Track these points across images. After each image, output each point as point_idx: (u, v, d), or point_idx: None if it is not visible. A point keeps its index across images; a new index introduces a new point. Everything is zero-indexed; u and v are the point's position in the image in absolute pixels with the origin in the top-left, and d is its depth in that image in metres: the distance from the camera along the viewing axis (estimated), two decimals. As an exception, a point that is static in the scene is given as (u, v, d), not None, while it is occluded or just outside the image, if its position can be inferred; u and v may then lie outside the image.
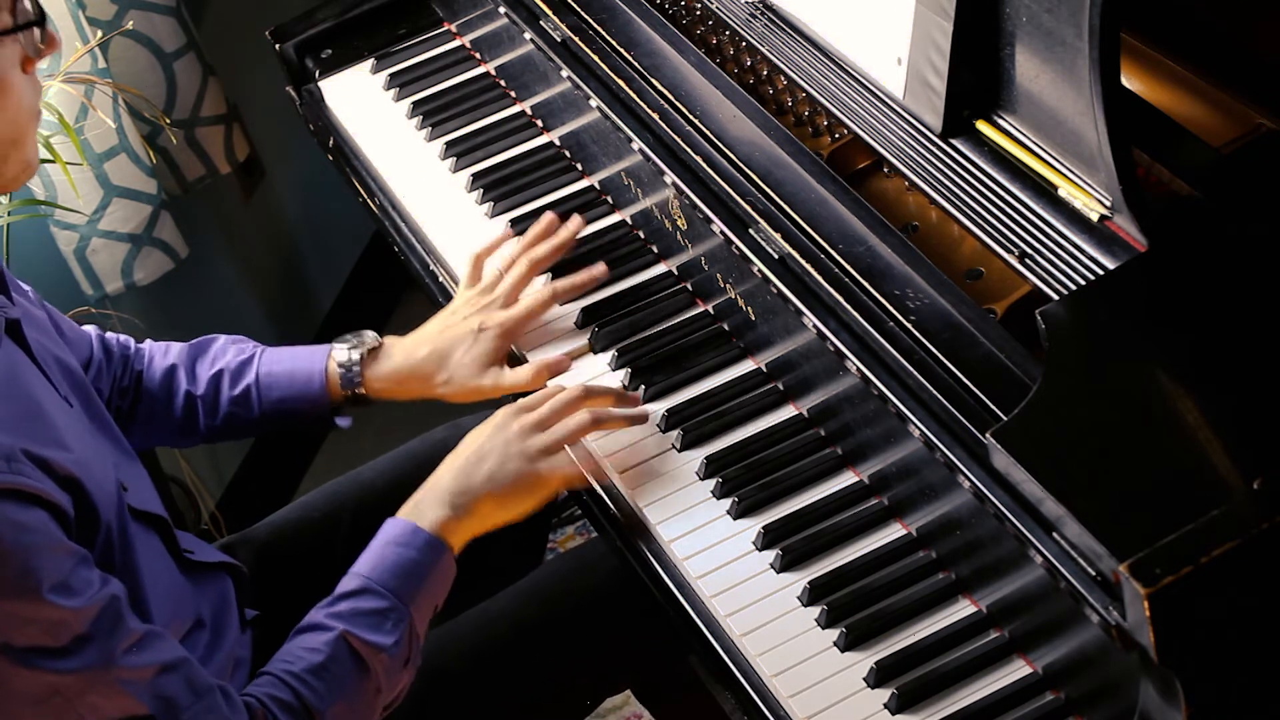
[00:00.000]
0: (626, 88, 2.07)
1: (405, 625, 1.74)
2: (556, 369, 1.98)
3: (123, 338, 2.02)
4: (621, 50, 2.11)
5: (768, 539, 1.78)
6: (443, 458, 1.96)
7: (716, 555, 1.79)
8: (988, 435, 1.53)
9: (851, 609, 1.71)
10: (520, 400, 1.90)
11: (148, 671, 1.59)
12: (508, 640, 1.96)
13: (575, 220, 2.09)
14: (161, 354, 2.02)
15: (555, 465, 1.84)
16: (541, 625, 1.97)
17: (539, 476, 1.83)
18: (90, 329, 2.00)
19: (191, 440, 2.05)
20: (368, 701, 1.73)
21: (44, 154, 2.36)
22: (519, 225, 2.19)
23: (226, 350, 2.02)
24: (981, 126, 1.77)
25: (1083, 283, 1.63)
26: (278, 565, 2.06)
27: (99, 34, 2.55)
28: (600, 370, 2.00)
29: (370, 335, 2.02)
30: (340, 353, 2.01)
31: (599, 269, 2.05)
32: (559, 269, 2.10)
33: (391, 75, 2.47)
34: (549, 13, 2.20)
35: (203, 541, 1.94)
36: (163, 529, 1.80)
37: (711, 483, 1.85)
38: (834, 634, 1.69)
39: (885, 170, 1.91)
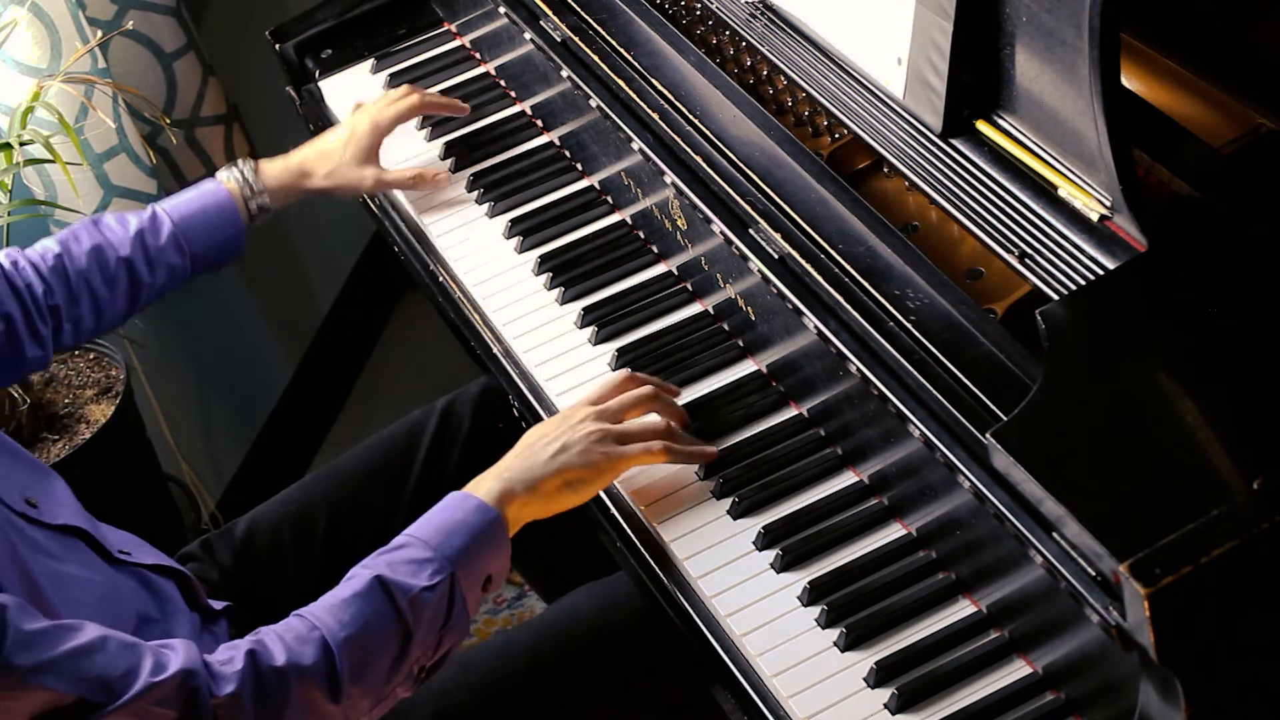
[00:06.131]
0: (626, 88, 2.07)
1: (445, 578, 1.70)
2: (431, 176, 2.25)
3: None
4: (621, 50, 2.11)
5: (768, 539, 1.78)
6: (419, 439, 2.00)
7: (716, 556, 1.79)
8: (988, 435, 1.53)
9: (851, 609, 1.70)
10: (587, 395, 1.89)
11: (58, 661, 1.53)
12: (524, 673, 1.92)
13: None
14: (73, 240, 2.06)
15: (625, 450, 1.82)
16: (559, 660, 1.92)
17: (608, 459, 1.81)
18: None
19: (140, 302, 2.11)
20: (393, 647, 1.67)
21: (44, 154, 2.36)
22: (518, 225, 2.19)
23: (124, 217, 2.10)
24: (981, 126, 1.77)
25: (1083, 283, 1.63)
26: (256, 557, 2.05)
27: (99, 34, 2.55)
28: (600, 371, 2.00)
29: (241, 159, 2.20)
30: (225, 174, 2.17)
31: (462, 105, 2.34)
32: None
33: (392, 75, 2.47)
34: (549, 13, 2.20)
35: (144, 543, 1.91)
36: (84, 536, 1.80)
37: (711, 483, 1.85)
38: (834, 634, 1.69)
39: (885, 170, 1.91)
